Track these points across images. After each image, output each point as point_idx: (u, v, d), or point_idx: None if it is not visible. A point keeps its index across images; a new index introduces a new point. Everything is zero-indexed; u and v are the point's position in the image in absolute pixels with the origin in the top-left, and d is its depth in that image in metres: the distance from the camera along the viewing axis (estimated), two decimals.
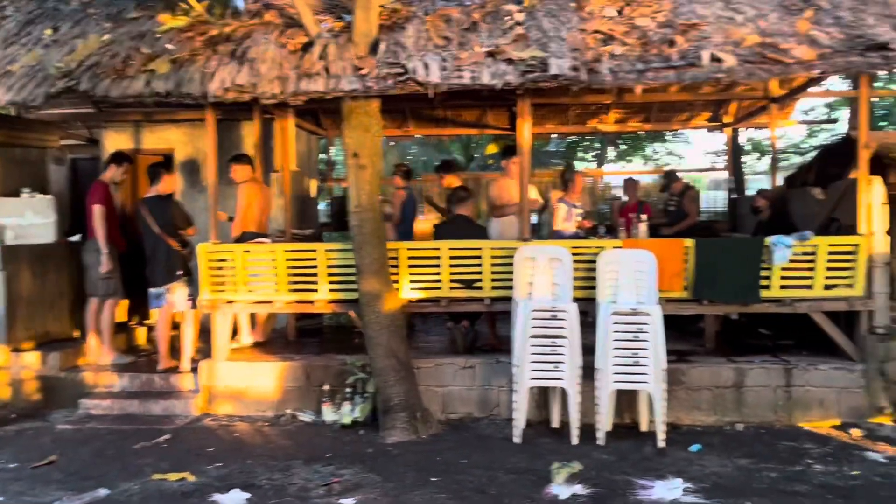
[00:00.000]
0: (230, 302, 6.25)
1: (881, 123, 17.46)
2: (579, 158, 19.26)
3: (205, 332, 6.61)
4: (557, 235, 6.96)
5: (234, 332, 6.82)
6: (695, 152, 26.27)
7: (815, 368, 5.80)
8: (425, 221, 10.09)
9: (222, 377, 6.21)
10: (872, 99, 13.67)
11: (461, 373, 6.00)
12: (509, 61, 5.40)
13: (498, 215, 6.89)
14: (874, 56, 5.32)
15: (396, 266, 6.03)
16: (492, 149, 11.01)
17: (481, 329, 6.73)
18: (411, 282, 6.09)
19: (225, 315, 6.30)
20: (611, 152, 18.61)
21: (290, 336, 7.27)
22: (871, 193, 5.82)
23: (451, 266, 6.05)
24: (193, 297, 6.42)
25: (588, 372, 5.40)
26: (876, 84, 16.01)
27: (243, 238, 6.54)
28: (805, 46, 5.35)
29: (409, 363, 5.70)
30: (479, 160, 15.82)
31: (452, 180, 7.66)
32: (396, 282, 5.99)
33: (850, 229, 6.05)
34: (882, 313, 5.80)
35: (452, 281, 6.07)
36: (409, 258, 6.08)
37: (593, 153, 19.67)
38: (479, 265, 6.03)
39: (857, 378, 5.76)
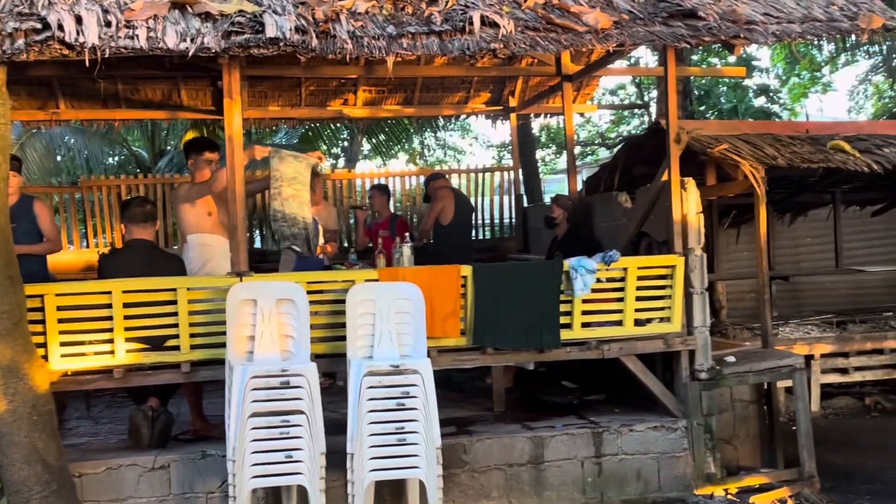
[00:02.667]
0: None
1: (700, 108, 19.85)
2: (322, 154, 19.49)
3: None
4: (302, 264, 6.99)
5: None
6: (480, 145, 27.89)
7: (630, 430, 6.40)
8: (91, 250, 9.64)
9: None
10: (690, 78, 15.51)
11: (149, 477, 5.82)
12: (206, 17, 5.39)
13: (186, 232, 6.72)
14: (680, 25, 6.05)
15: (41, 321, 5.72)
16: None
17: (180, 409, 6.58)
18: (65, 344, 5.81)
19: None
20: (364, 145, 19.10)
21: None
22: (685, 200, 6.57)
23: (129, 317, 5.85)
24: None
25: (338, 459, 5.49)
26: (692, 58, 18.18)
27: None
28: (599, 11, 5.94)
29: (66, 469, 5.43)
30: (175, 156, 15.44)
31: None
32: (42, 345, 5.68)
33: (664, 246, 6.79)
34: (704, 353, 6.56)
35: (132, 340, 5.88)
36: (61, 308, 5.79)
37: (340, 147, 20.06)
38: (174, 314, 5.90)
39: (678, 439, 6.44)
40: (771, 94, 22.66)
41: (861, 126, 9.16)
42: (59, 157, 16.22)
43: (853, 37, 7.48)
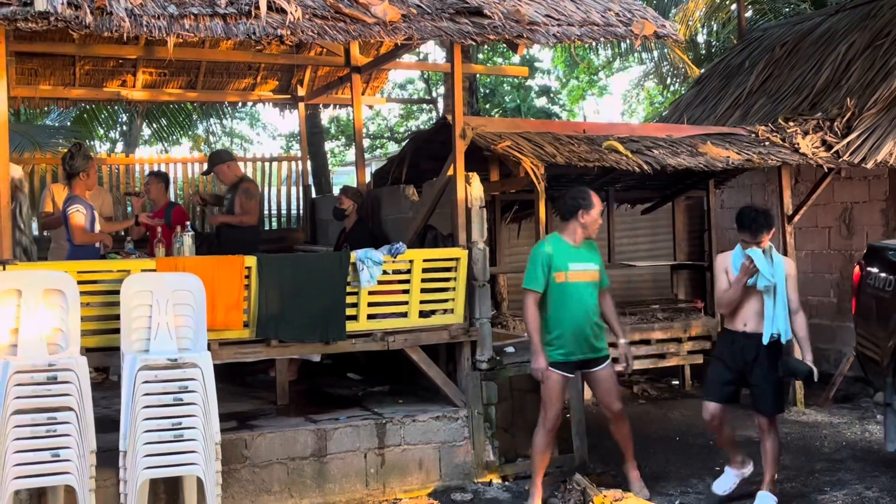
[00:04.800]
0: None
1: (486, 106, 20.41)
2: (99, 138, 18.77)
3: None
4: (77, 253, 6.68)
5: None
6: (268, 135, 27.50)
7: (413, 421, 6.47)
8: None
9: None
10: (477, 76, 15.86)
11: None
12: None
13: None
14: (466, 23, 6.16)
15: None
16: None
17: None
18: None
19: None
20: (145, 130, 18.47)
21: None
22: (469, 194, 6.70)
23: None
24: None
25: (110, 457, 5.32)
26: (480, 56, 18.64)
27: None
28: (388, 3, 5.96)
29: None
30: None
31: None
32: None
33: (448, 239, 6.91)
34: (485, 344, 6.72)
35: None
36: None
37: (119, 131, 19.34)
38: None
39: (460, 428, 6.57)
40: (552, 95, 23.63)
41: (633, 128, 9.65)
42: None
43: (627, 42, 7.88)
